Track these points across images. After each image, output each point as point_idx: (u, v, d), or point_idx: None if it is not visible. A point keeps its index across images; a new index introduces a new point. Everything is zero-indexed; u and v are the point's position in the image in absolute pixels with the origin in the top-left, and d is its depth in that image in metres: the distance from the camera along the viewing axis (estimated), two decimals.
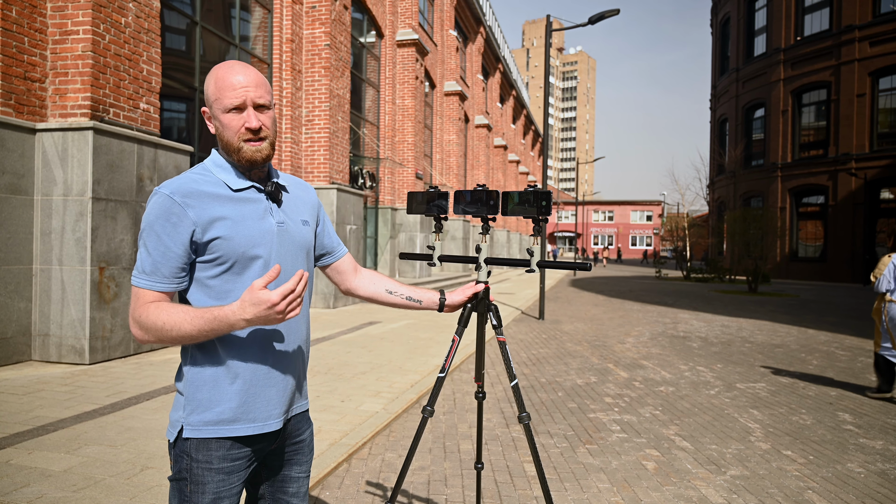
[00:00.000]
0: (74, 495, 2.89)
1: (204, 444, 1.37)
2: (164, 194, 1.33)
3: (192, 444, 1.37)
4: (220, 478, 1.37)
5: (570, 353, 7.87)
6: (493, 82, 33.06)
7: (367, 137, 16.39)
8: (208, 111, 1.42)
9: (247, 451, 1.41)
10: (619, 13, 12.28)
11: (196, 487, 1.36)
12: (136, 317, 1.32)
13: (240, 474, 1.41)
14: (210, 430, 1.36)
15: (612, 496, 3.25)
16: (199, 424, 1.37)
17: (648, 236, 79.78)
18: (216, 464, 1.37)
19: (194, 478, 1.36)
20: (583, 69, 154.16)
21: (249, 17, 10.78)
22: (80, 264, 5.81)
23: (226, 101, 1.36)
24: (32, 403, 4.43)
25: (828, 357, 7.86)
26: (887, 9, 26.10)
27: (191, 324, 1.28)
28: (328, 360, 6.55)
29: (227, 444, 1.38)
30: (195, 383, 1.38)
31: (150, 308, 1.31)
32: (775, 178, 30.20)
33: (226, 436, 1.37)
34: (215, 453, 1.37)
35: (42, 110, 5.98)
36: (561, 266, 1.98)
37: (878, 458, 3.95)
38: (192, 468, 1.36)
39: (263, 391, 1.41)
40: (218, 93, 1.37)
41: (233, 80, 1.36)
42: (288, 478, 1.55)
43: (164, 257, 1.32)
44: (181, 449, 1.38)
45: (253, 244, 1.38)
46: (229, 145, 1.39)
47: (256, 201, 1.42)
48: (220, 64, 1.42)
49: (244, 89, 1.36)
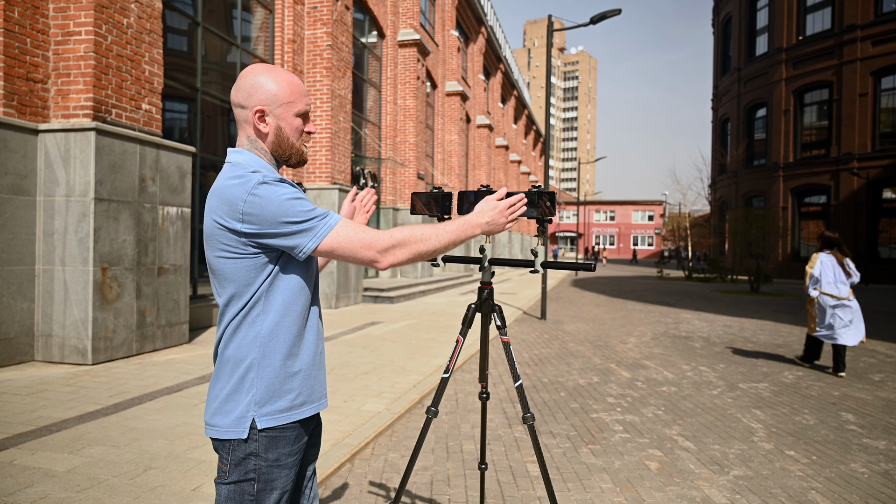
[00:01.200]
0: (78, 496, 2.89)
1: (273, 442, 1.39)
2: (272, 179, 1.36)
3: (262, 442, 1.38)
4: (286, 472, 1.42)
5: (572, 353, 7.86)
6: (494, 82, 33.05)
7: (369, 138, 16.40)
8: (267, 109, 1.44)
9: (305, 439, 1.48)
10: (620, 13, 12.27)
11: (264, 486, 1.38)
12: (381, 244, 1.39)
13: (296, 469, 1.47)
14: (285, 416, 1.41)
15: (615, 496, 3.25)
16: (275, 413, 1.40)
17: (650, 236, 79.70)
18: (283, 460, 1.41)
19: (263, 476, 1.38)
20: (584, 69, 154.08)
21: (251, 18, 10.79)
22: (82, 265, 5.82)
23: (300, 106, 1.47)
24: (35, 404, 4.44)
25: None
26: (889, 8, 26.06)
27: (445, 230, 1.46)
28: (330, 360, 6.55)
29: (293, 435, 1.42)
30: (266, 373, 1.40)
31: (397, 228, 1.43)
32: (777, 178, 30.16)
33: (298, 419, 1.43)
34: (283, 450, 1.40)
35: (44, 111, 5.99)
36: (564, 266, 1.98)
37: (881, 458, 3.95)
38: (261, 468, 1.38)
39: (318, 373, 1.49)
40: (292, 96, 1.46)
41: (303, 88, 1.49)
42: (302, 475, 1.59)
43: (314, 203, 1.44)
44: (247, 450, 1.38)
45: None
46: (291, 146, 1.49)
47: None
48: (278, 68, 1.47)
49: (309, 97, 1.52)
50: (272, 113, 1.43)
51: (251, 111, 1.43)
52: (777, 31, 30.59)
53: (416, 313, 11.36)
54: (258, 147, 1.47)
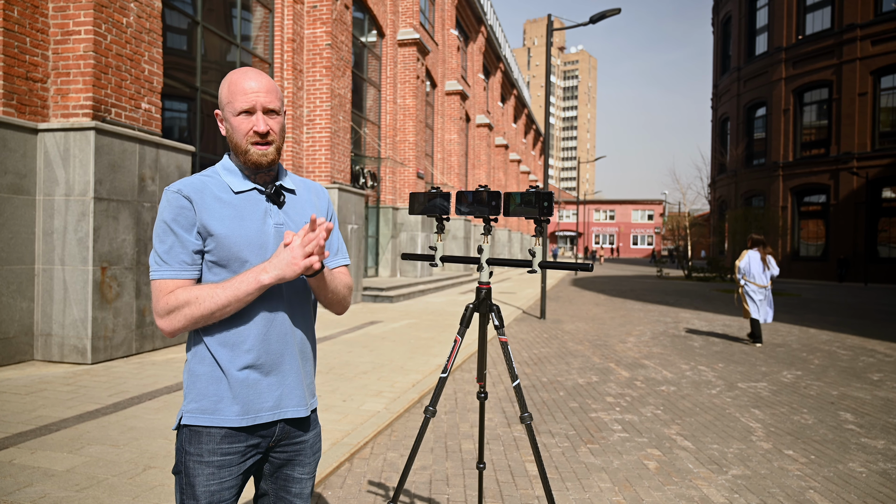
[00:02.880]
0: (77, 495, 2.89)
1: (196, 435, 1.40)
2: (172, 191, 1.40)
3: (186, 435, 1.41)
4: (209, 471, 1.39)
5: (571, 352, 7.87)
6: (494, 81, 33.04)
7: (369, 137, 16.40)
8: (220, 113, 1.48)
9: (240, 445, 1.43)
10: (620, 12, 12.27)
11: (188, 480, 1.40)
12: (161, 307, 1.36)
13: (232, 470, 1.42)
14: (204, 418, 1.40)
15: (614, 496, 3.25)
16: (195, 412, 1.41)
17: (650, 235, 79.73)
18: (206, 457, 1.39)
19: (187, 470, 1.40)
20: (584, 68, 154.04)
21: (251, 17, 10.79)
22: (82, 264, 5.82)
23: (237, 105, 1.41)
24: (35, 403, 4.44)
25: (829, 356, 7.86)
26: (889, 7, 26.07)
27: (222, 288, 1.34)
28: (330, 359, 6.56)
29: (217, 436, 1.41)
30: (195, 374, 1.43)
31: (175, 292, 1.36)
32: (777, 178, 30.17)
33: (216, 424, 1.40)
34: (205, 446, 1.40)
35: (44, 110, 5.99)
36: (563, 266, 1.99)
37: (879, 457, 3.95)
38: (186, 461, 1.41)
39: (256, 383, 1.43)
40: (230, 96, 1.43)
41: (245, 84, 1.42)
42: (291, 478, 1.55)
43: (180, 246, 1.39)
44: (178, 442, 1.43)
45: (248, 244, 1.42)
46: (238, 147, 1.45)
47: (256, 203, 1.46)
48: (236, 69, 1.47)
49: (255, 94, 1.41)
50: (224, 114, 1.46)
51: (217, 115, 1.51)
52: (777, 31, 30.59)
53: (415, 312, 11.37)
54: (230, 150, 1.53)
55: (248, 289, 1.33)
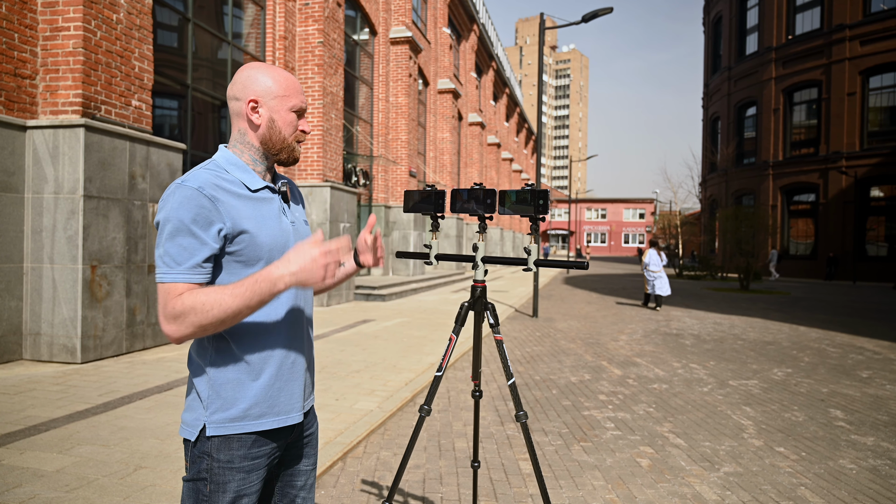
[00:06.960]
0: (67, 495, 2.87)
1: (226, 442, 1.36)
2: (192, 188, 1.30)
3: (214, 443, 1.36)
4: (241, 476, 1.38)
5: (563, 350, 7.89)
6: (486, 80, 33.04)
7: (361, 135, 16.35)
8: (260, 102, 1.41)
9: (268, 447, 1.42)
10: (612, 11, 12.31)
11: (216, 487, 1.36)
12: (168, 311, 1.25)
13: (260, 472, 1.42)
14: (235, 426, 1.36)
15: (607, 493, 3.26)
16: (224, 422, 1.35)
17: (641, 234, 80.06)
18: (237, 463, 1.37)
19: (214, 477, 1.36)
20: (576, 67, 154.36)
21: (242, 14, 10.72)
22: (71, 262, 5.76)
23: (294, 101, 1.42)
24: (24, 403, 4.39)
25: (819, 354, 7.92)
26: (877, 8, 26.29)
27: (231, 294, 1.24)
28: (322, 358, 6.53)
29: (249, 441, 1.38)
30: (218, 382, 1.36)
31: (183, 297, 1.25)
32: (767, 176, 30.38)
33: (251, 431, 1.37)
34: (237, 452, 1.37)
35: (33, 107, 5.92)
36: (557, 264, 1.99)
37: (869, 454, 3.99)
38: (213, 468, 1.36)
39: (287, 385, 1.43)
40: (286, 90, 1.42)
41: (296, 84, 1.44)
42: (297, 471, 1.56)
43: (197, 247, 1.28)
44: (201, 450, 1.37)
45: (275, 242, 1.40)
46: (280, 140, 1.43)
47: (271, 201, 1.44)
48: (268, 65, 1.44)
49: (303, 95, 1.46)
50: (266, 104, 1.40)
51: (245, 102, 1.41)
52: (767, 31, 30.79)
53: (408, 311, 11.36)
54: (245, 141, 1.43)
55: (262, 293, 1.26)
